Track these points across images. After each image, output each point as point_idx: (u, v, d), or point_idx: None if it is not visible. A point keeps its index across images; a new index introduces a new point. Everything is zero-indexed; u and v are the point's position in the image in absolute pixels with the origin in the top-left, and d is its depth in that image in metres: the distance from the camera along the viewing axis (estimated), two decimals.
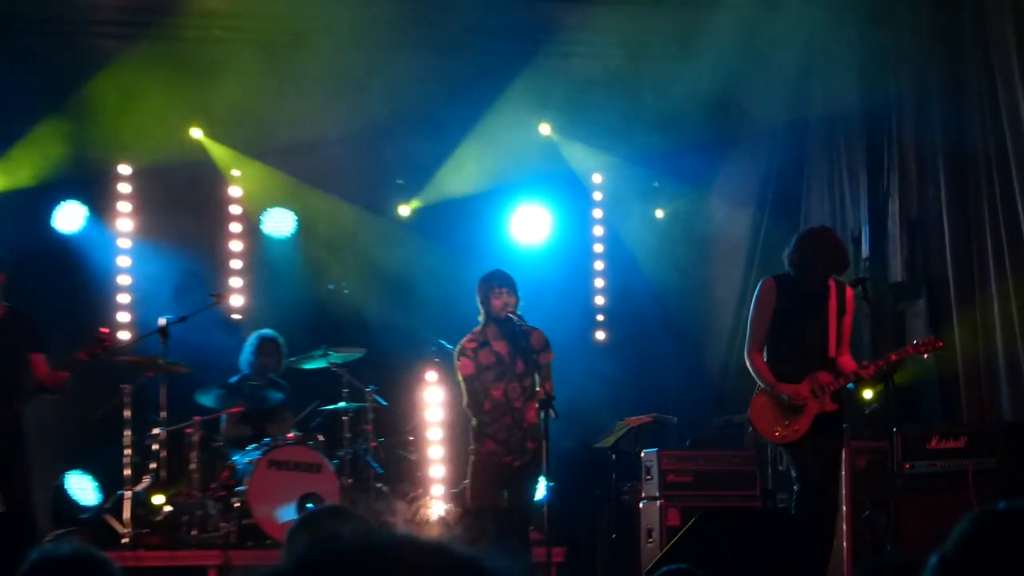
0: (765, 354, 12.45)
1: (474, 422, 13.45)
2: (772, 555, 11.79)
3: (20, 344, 12.86)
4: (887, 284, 16.03)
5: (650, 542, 14.82)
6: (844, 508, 13.69)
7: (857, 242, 16.48)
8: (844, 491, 13.62)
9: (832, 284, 12.49)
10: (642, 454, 15.38)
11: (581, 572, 16.00)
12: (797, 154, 17.73)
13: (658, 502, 14.90)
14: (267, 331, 16.74)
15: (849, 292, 12.64)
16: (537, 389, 12.90)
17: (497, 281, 13.34)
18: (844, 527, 13.67)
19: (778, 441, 12.58)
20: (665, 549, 13.20)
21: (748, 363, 12.47)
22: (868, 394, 14.59)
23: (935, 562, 2.79)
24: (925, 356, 13.04)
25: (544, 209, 18.94)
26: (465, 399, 13.47)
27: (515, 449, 13.19)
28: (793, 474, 12.52)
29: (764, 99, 17.56)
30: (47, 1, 16.34)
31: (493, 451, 13.27)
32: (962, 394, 14.93)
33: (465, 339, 13.52)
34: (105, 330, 13.49)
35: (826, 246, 12.54)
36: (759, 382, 12.41)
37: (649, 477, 15.15)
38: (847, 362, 12.44)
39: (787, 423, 12.29)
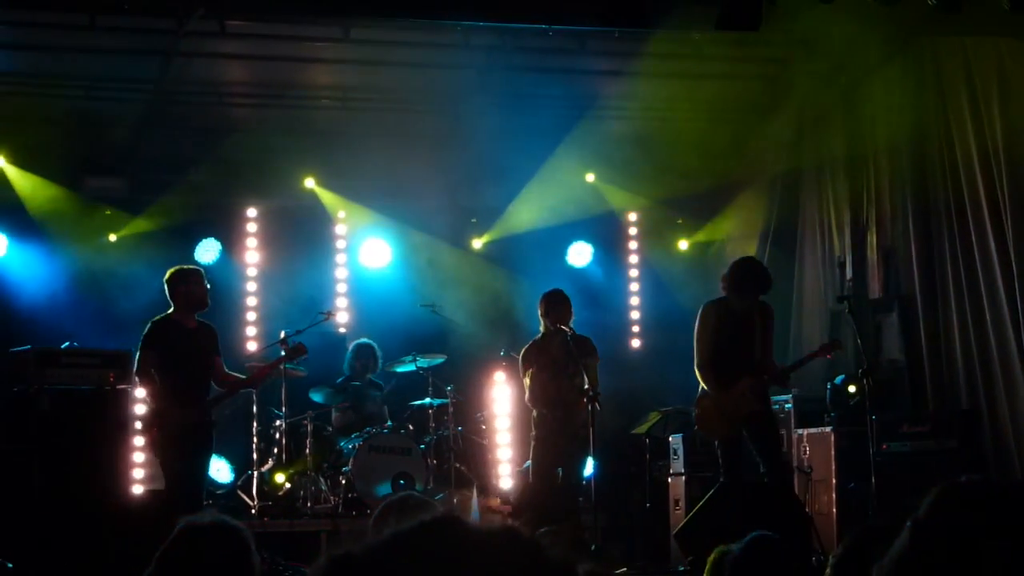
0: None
1: (535, 414, 13.46)
2: (770, 517, 11.94)
3: (210, 350, 12.75)
4: (866, 300, 15.94)
5: (677, 509, 14.88)
6: (833, 481, 13.94)
7: (842, 266, 16.42)
8: (833, 467, 13.93)
9: (757, 304, 12.78)
10: (670, 438, 15.45)
11: (621, 534, 15.80)
12: (793, 195, 17.56)
13: (683, 477, 14.96)
14: (363, 340, 16.84)
15: (769, 309, 12.92)
16: (585, 387, 12.81)
17: (555, 298, 13.42)
18: (833, 496, 13.79)
19: (718, 438, 12.75)
20: (690, 515, 13.32)
21: (698, 374, 12.68)
22: (852, 389, 14.62)
23: (910, 525, 2.78)
24: (829, 356, 13.35)
25: (590, 241, 19.03)
26: (528, 395, 13.50)
27: (567, 435, 13.22)
28: (721, 463, 12.78)
29: (768, 152, 17.62)
30: (197, 78, 16.46)
31: (550, 437, 13.33)
32: (927, 388, 14.95)
33: (528, 346, 13.58)
34: (303, 347, 13.59)
35: (755, 272, 12.88)
36: (706, 388, 12.66)
37: (676, 457, 15.20)
38: (769, 366, 12.76)
39: (725, 423, 12.54)
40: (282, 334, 14.72)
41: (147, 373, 12.35)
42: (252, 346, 17.32)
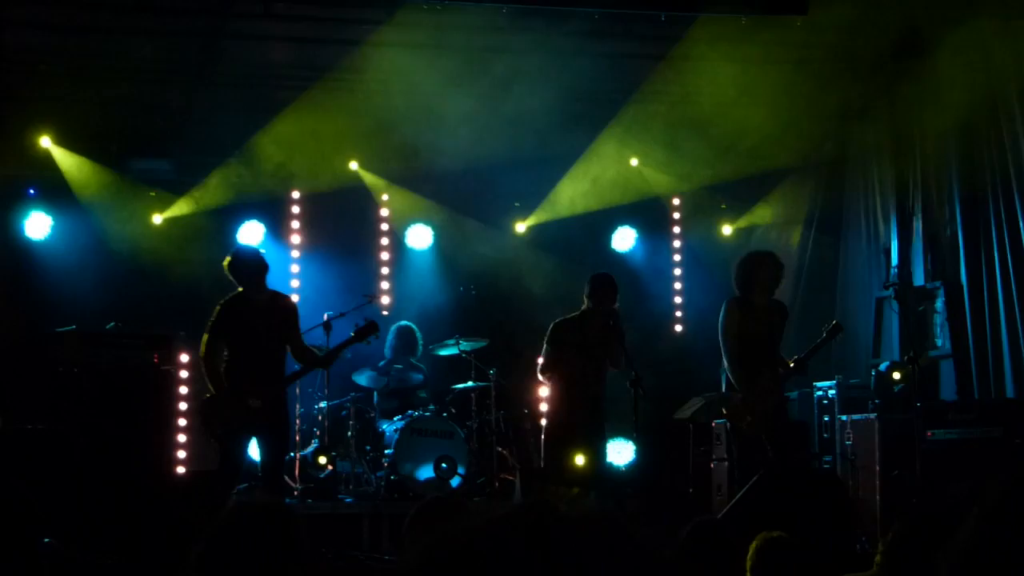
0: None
1: (549, 390, 13.55)
2: (815, 503, 11.95)
3: (286, 326, 12.42)
4: (912, 287, 15.94)
5: (719, 496, 14.80)
6: (876, 468, 13.89)
7: (888, 253, 16.44)
8: (876, 454, 13.83)
9: (774, 301, 12.87)
10: (713, 424, 15.37)
11: (663, 520, 15.83)
12: (838, 181, 17.58)
13: (726, 463, 14.80)
14: (404, 322, 16.92)
15: (785, 309, 13.05)
16: (610, 370, 12.98)
17: (602, 282, 13.29)
18: (877, 483, 13.72)
19: (747, 428, 12.73)
20: (732, 501, 13.34)
21: (730, 373, 12.73)
22: (897, 375, 14.65)
23: (978, 512, 2.72)
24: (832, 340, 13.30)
25: (634, 225, 19.02)
26: (541, 364, 13.47)
27: (582, 415, 13.08)
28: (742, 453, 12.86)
29: (813, 137, 17.58)
30: (240, 59, 16.54)
31: (564, 419, 13.24)
32: (974, 376, 14.97)
33: (564, 318, 13.47)
34: (375, 324, 13.20)
35: (766, 264, 12.88)
36: (736, 386, 12.67)
37: (719, 443, 15.13)
38: (781, 360, 12.83)
39: (755, 416, 12.57)
40: (325, 316, 14.76)
41: (212, 358, 12.23)
42: None
